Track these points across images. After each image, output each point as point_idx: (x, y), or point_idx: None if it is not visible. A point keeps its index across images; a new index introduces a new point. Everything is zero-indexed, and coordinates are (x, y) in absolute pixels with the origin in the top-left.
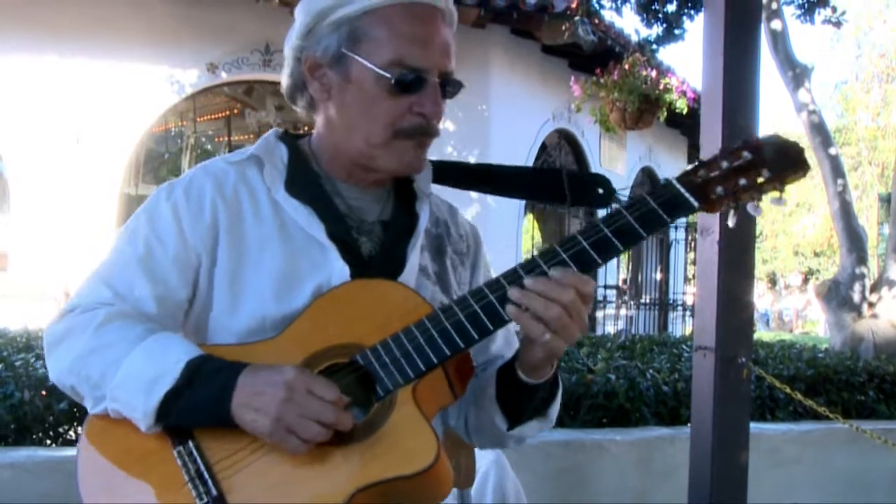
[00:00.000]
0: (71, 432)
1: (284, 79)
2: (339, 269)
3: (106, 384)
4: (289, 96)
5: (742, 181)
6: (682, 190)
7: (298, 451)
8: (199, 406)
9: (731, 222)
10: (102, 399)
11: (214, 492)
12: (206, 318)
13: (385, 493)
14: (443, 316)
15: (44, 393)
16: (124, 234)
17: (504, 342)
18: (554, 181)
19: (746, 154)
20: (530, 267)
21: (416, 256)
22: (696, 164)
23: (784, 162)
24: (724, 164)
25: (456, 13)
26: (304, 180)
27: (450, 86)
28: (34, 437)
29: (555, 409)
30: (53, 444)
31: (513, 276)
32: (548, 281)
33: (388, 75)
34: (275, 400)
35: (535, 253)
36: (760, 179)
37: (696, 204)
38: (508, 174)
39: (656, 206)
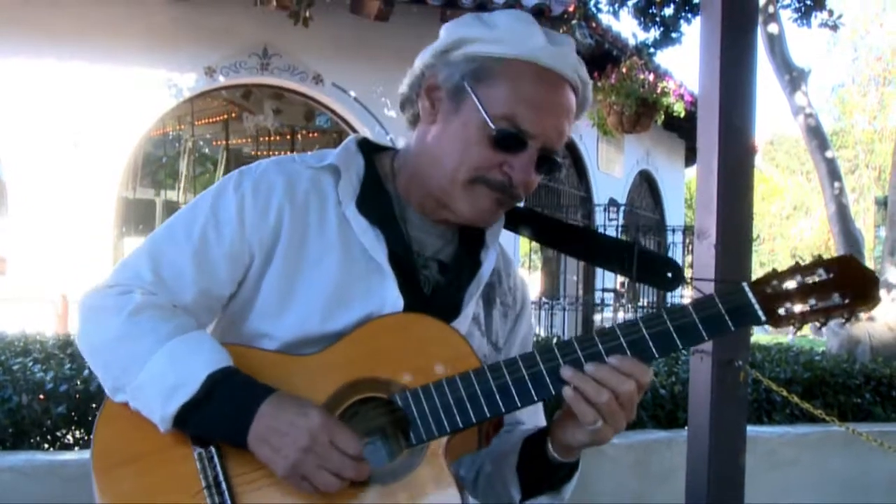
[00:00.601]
0: (69, 436)
1: (403, 87)
2: (392, 300)
3: (127, 379)
4: (400, 104)
5: (812, 301)
6: (753, 300)
7: (310, 492)
8: (216, 423)
9: (790, 338)
10: (121, 389)
11: (229, 502)
12: (244, 315)
13: None
14: (490, 375)
15: (41, 397)
16: (184, 215)
17: (532, 409)
18: (624, 255)
19: (821, 272)
20: (587, 345)
21: (473, 304)
22: (770, 272)
23: (857, 290)
24: (798, 278)
25: (590, 100)
26: (377, 200)
27: (549, 162)
28: (32, 441)
29: (570, 487)
30: (51, 448)
31: (567, 350)
32: (607, 368)
33: (492, 126)
34: (295, 445)
35: (595, 332)
36: (830, 304)
37: (763, 318)
38: (579, 236)
39: (724, 311)
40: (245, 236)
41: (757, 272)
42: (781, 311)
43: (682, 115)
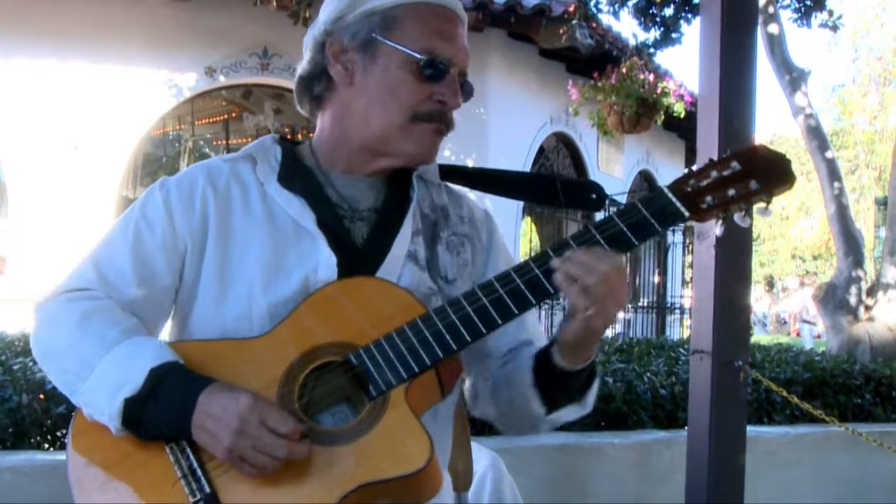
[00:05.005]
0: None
1: (302, 66)
2: (325, 258)
3: (78, 384)
4: (304, 86)
5: (731, 192)
6: (674, 199)
7: (252, 474)
8: (162, 417)
9: (718, 231)
10: (74, 393)
11: (208, 489)
12: (190, 308)
13: (377, 492)
14: (436, 317)
15: (42, 396)
16: (118, 221)
17: (533, 327)
18: (549, 187)
19: (735, 164)
20: (523, 272)
21: (404, 242)
22: (686, 173)
23: (771, 173)
24: (713, 174)
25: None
26: (297, 173)
27: (464, 87)
28: (32, 440)
29: (591, 395)
30: (51, 448)
31: (506, 281)
32: (585, 254)
33: (419, 57)
34: (228, 429)
35: (522, 262)
36: (748, 190)
37: (686, 213)
38: (506, 178)
39: (648, 214)
40: (175, 227)
41: (758, 273)
42: (703, 205)
43: (683, 115)
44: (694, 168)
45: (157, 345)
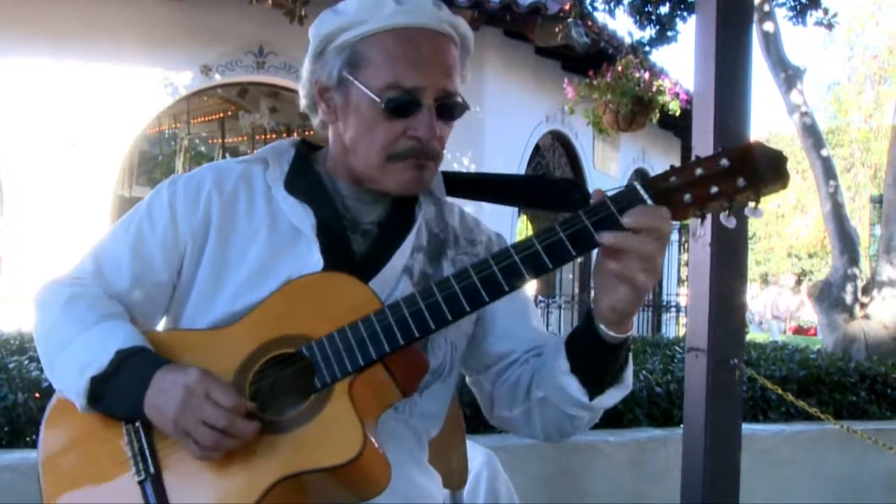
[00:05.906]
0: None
1: (301, 100)
2: (313, 264)
3: (54, 363)
4: (309, 113)
5: (713, 189)
6: (645, 196)
7: (197, 455)
8: (121, 396)
9: (700, 231)
10: (51, 372)
11: (153, 469)
12: (184, 307)
13: (308, 484)
14: (389, 312)
15: (37, 395)
16: (125, 218)
17: (545, 332)
18: (532, 190)
19: (724, 161)
20: (486, 267)
21: (402, 257)
22: (669, 169)
23: (762, 171)
24: (698, 171)
25: (471, 37)
26: (305, 179)
27: (450, 108)
28: (28, 439)
29: (630, 373)
30: None
31: (462, 276)
32: (638, 214)
33: (378, 100)
34: (174, 401)
35: (489, 254)
36: (734, 188)
37: None
38: (498, 184)
39: (615, 210)
40: (177, 226)
41: (753, 271)
42: (680, 202)
43: (678, 113)
44: (677, 165)
45: (130, 330)
